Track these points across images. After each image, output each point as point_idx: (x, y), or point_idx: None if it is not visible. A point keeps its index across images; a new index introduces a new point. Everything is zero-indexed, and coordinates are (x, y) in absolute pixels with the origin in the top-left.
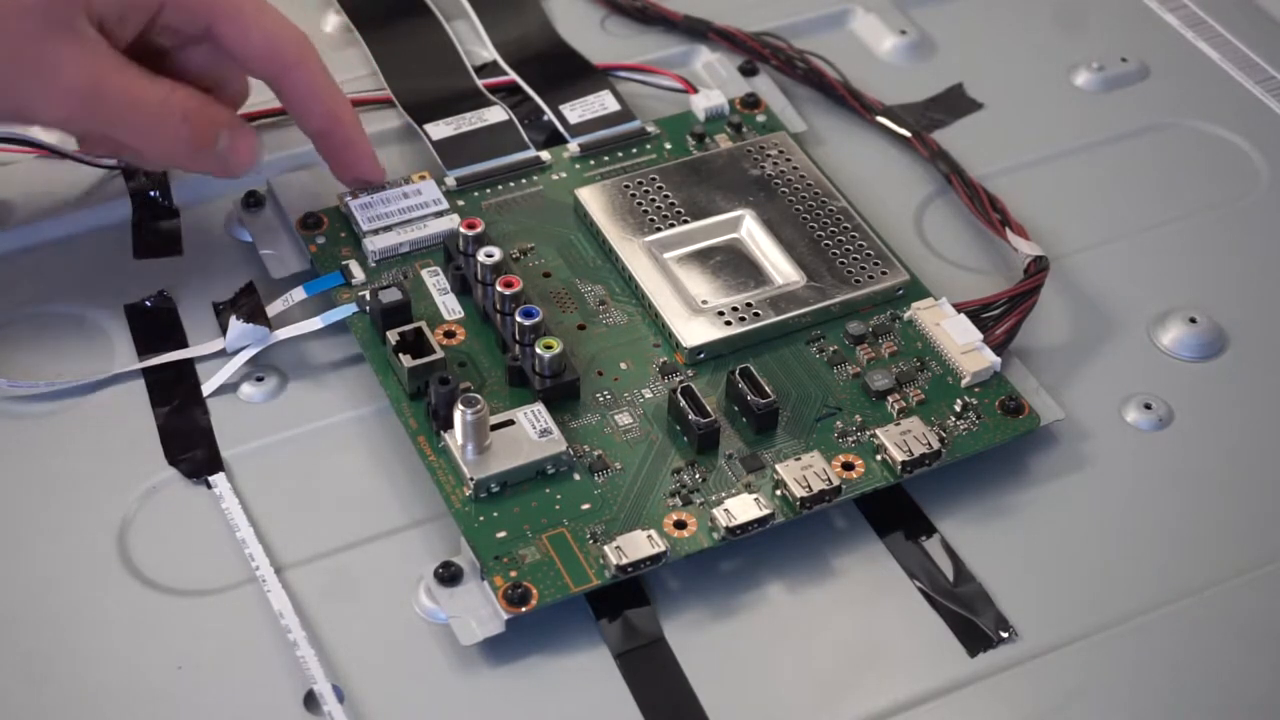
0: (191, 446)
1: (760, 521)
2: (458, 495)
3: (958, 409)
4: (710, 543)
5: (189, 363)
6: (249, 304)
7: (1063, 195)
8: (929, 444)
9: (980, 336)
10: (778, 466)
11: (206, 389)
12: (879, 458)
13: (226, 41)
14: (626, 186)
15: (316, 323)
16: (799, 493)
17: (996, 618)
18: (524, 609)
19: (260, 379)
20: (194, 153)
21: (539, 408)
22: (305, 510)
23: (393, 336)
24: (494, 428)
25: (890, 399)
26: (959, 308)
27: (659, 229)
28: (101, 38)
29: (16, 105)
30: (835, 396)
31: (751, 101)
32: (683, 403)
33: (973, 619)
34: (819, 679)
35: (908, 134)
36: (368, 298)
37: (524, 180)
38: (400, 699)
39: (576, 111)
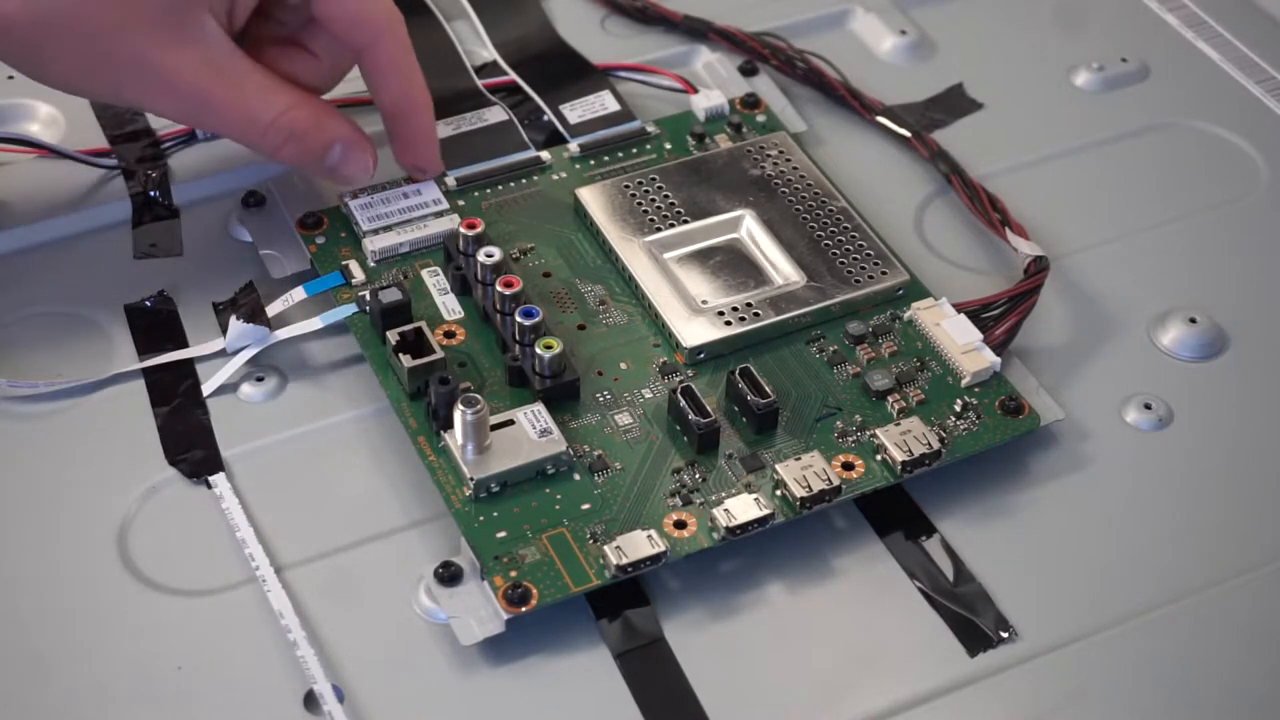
0: (191, 446)
1: (760, 521)
2: (458, 495)
3: (958, 409)
4: (710, 543)
5: (189, 363)
6: (249, 304)
7: (1063, 195)
8: (929, 444)
9: (980, 336)
10: (778, 466)
11: (206, 389)
12: (879, 458)
13: (327, 6)
14: (626, 186)
15: (316, 323)
16: (799, 493)
17: (996, 618)
18: (524, 609)
19: (260, 379)
20: (299, 165)
21: (539, 408)
22: (305, 510)
23: (393, 336)
24: (494, 428)
25: (890, 399)
26: (959, 308)
27: (659, 229)
28: (220, 32)
29: (134, 99)
30: (835, 396)
31: (751, 101)
32: (683, 403)
33: (973, 619)
34: (819, 679)
35: (908, 134)
36: (368, 298)
37: (524, 180)
38: (400, 699)
39: (576, 111)
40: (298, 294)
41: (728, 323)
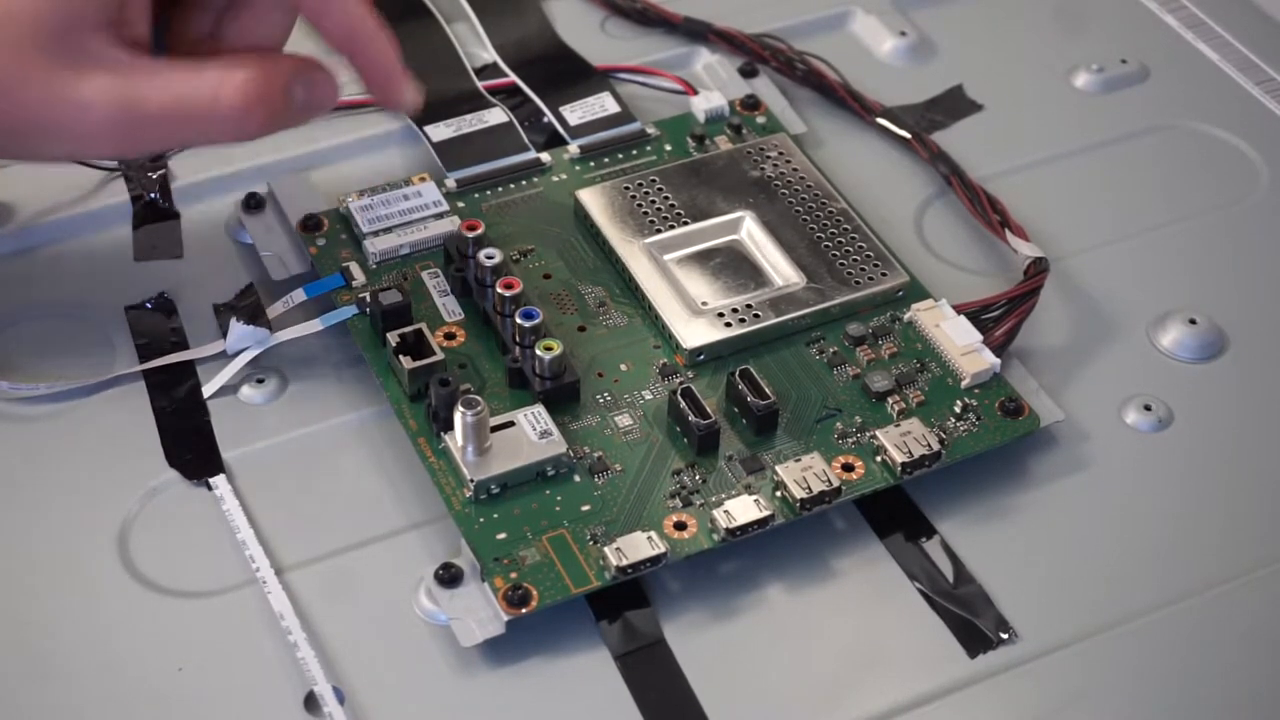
0: (192, 448)
1: (760, 523)
2: (458, 497)
3: (957, 410)
4: (710, 544)
5: (190, 364)
6: (249, 306)
7: (1063, 197)
8: (929, 445)
9: (980, 338)
10: (777, 468)
11: (207, 391)
12: (879, 459)
13: None
14: (626, 188)
15: (317, 324)
16: (799, 494)
17: (996, 619)
18: (524, 610)
19: (261, 381)
20: (272, 122)
21: (539, 409)
22: (306, 512)
23: (393, 338)
24: (494, 429)
25: (890, 400)
26: (959, 309)
27: (659, 231)
28: (118, 50)
29: (66, 151)
30: (835, 398)
31: (751, 103)
32: (683, 404)
33: (973, 620)
34: (819, 680)
35: (908, 135)
36: (368, 299)
37: (524, 182)
38: (401, 700)
39: (576, 113)
40: (298, 296)
41: (728, 324)
